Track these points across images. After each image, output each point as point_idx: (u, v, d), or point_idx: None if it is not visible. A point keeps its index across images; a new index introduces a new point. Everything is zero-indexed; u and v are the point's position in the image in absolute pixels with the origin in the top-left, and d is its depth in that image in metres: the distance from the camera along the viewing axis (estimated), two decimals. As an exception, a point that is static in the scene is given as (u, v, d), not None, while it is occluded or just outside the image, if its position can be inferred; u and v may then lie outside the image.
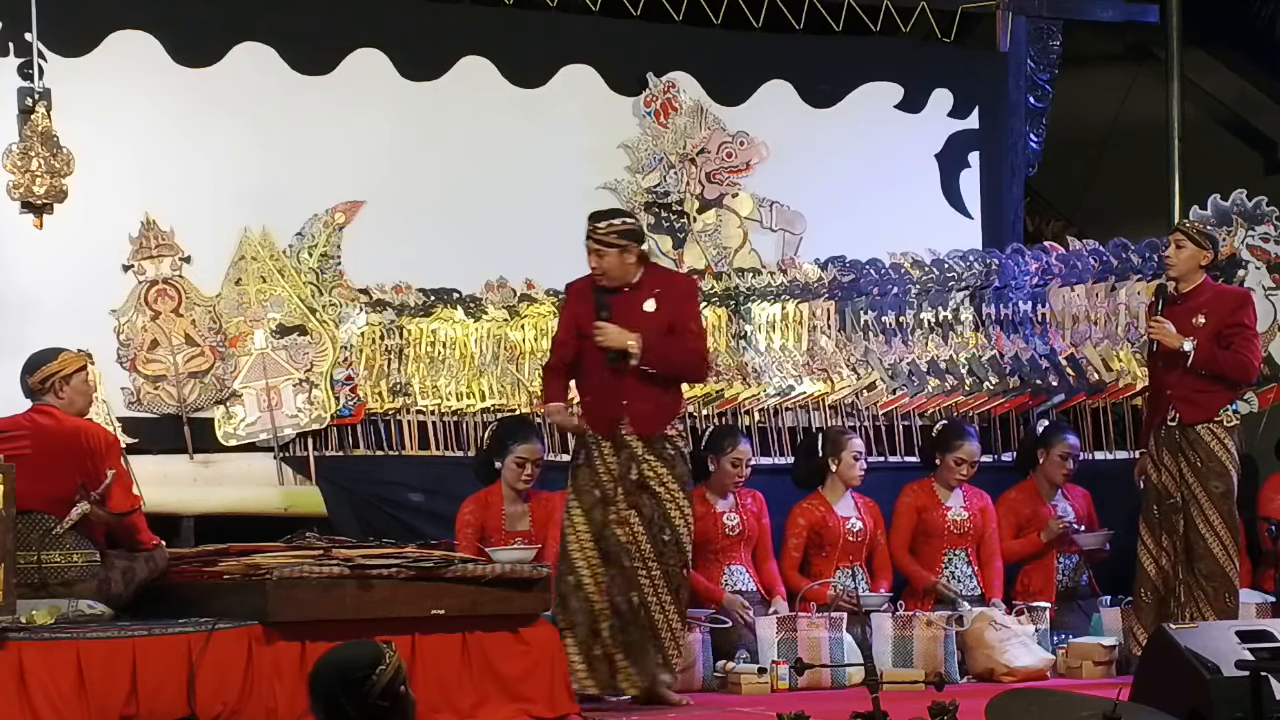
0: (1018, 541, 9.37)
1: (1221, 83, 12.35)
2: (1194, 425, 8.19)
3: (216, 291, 8.92)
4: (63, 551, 6.98)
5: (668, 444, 7.70)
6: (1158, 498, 8.29)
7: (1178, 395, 8.22)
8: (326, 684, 4.88)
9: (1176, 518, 8.20)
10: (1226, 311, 8.27)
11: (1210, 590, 8.12)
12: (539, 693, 7.25)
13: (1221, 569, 8.15)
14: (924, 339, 9.95)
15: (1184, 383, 8.20)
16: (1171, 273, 8.33)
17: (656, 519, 7.63)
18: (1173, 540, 8.22)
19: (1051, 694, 5.98)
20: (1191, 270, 8.29)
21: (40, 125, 8.31)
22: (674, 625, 7.67)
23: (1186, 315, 8.24)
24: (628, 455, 7.65)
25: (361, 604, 6.93)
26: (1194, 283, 8.30)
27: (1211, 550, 8.14)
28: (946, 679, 7.26)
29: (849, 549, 9.05)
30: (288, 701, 6.75)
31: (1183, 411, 8.22)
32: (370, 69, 9.33)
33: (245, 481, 8.80)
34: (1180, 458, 8.22)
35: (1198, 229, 8.40)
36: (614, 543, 7.62)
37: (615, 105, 9.81)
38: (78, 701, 6.46)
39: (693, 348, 7.75)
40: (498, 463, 8.52)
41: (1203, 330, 8.20)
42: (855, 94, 10.31)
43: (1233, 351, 8.21)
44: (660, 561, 7.63)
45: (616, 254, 7.66)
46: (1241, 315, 8.30)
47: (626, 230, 7.71)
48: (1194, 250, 8.28)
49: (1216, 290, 8.47)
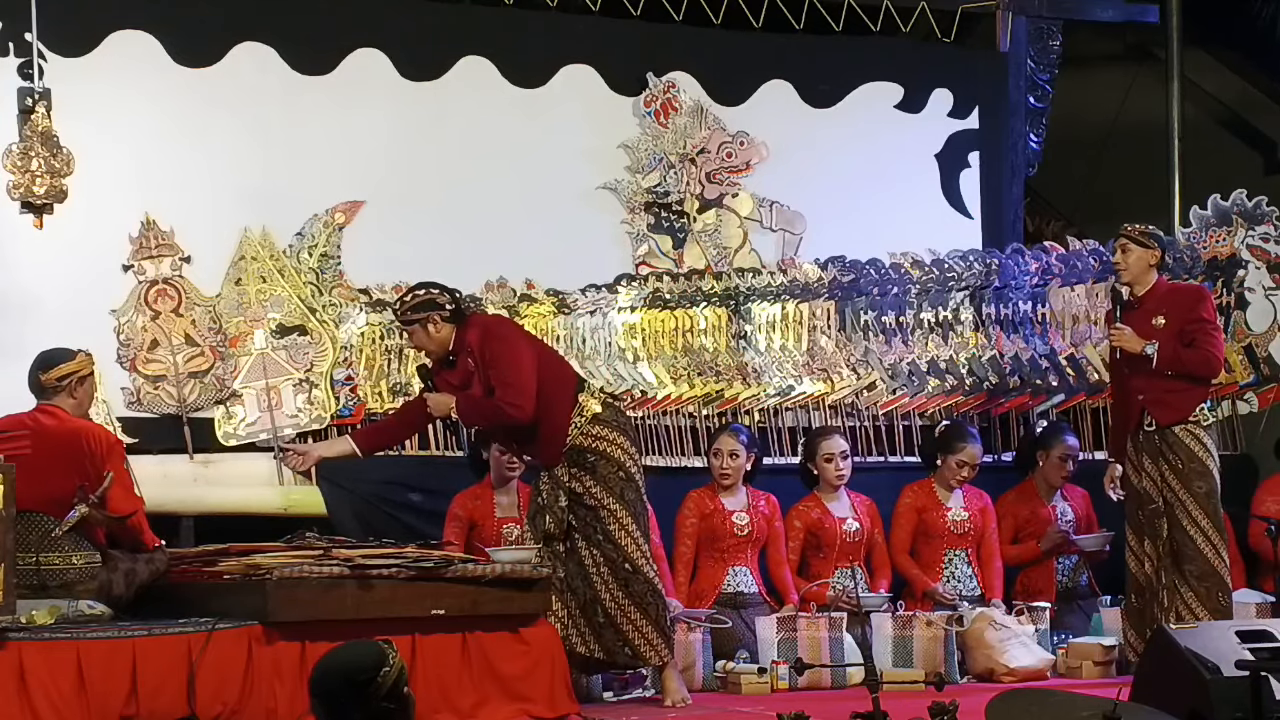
0: (1016, 547, 9.36)
1: (1221, 83, 12.35)
2: (1170, 427, 8.16)
3: (216, 291, 8.92)
4: (61, 554, 6.97)
5: (587, 454, 7.68)
6: (1139, 502, 8.27)
7: (1149, 399, 8.20)
8: (331, 687, 4.87)
9: (1159, 522, 8.18)
10: (1185, 309, 8.25)
11: (1203, 590, 8.10)
12: (539, 693, 7.25)
13: (1213, 568, 8.13)
14: (924, 339, 9.95)
15: (1153, 386, 8.18)
16: (1124, 277, 8.32)
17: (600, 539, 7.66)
18: (1155, 544, 8.20)
19: (1051, 694, 5.99)
20: (1143, 272, 8.28)
21: (40, 125, 8.31)
22: (648, 635, 7.67)
23: (1145, 318, 8.23)
24: (552, 485, 7.69)
25: (361, 604, 6.93)
26: (1147, 284, 8.28)
27: (1201, 551, 8.12)
28: (946, 679, 7.27)
29: (847, 549, 9.05)
30: (288, 701, 6.75)
31: (1156, 414, 8.19)
32: (370, 69, 9.33)
33: (245, 481, 8.80)
34: (1161, 461, 8.19)
35: (1140, 230, 8.32)
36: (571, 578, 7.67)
37: (615, 105, 9.81)
38: (78, 701, 6.46)
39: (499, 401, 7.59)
40: (485, 453, 8.56)
41: (1164, 331, 8.18)
42: (855, 94, 10.31)
43: (1196, 348, 8.19)
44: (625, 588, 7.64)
45: (420, 329, 7.63)
46: (1200, 310, 8.28)
47: (418, 304, 7.64)
48: (1141, 252, 8.26)
49: (1171, 289, 8.47)
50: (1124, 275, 8.32)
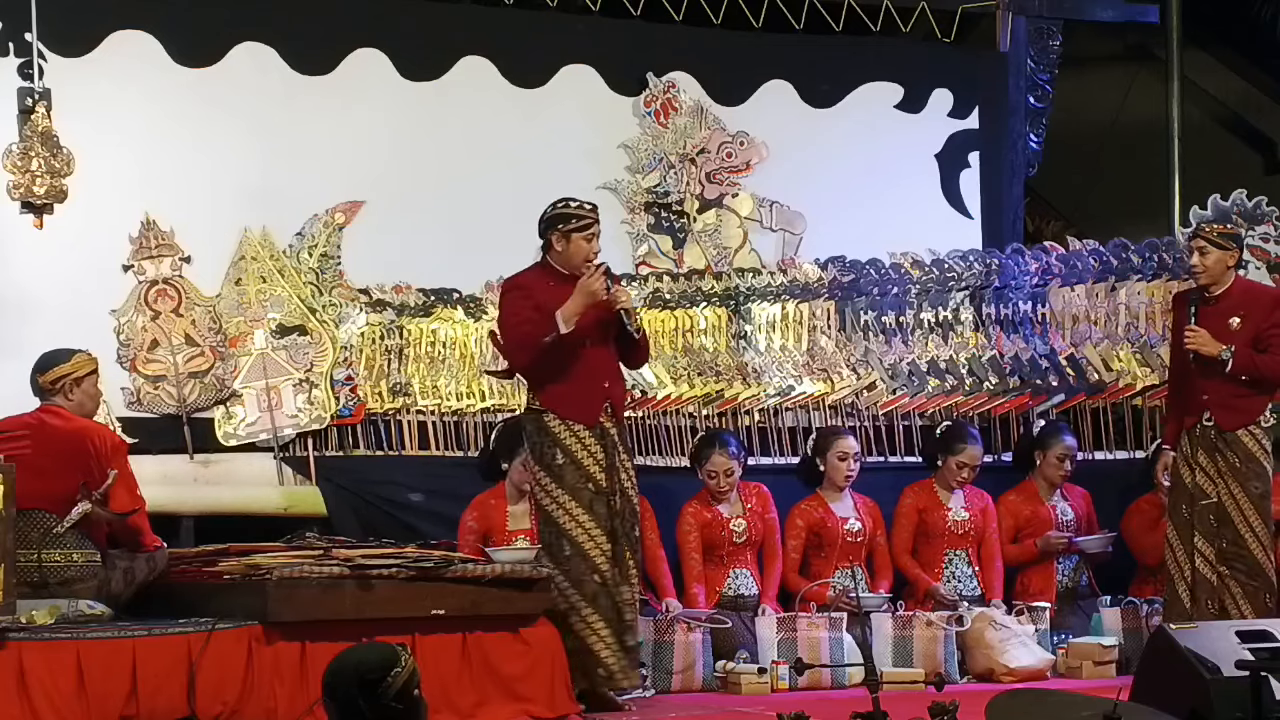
0: (1015, 547, 9.36)
1: (1221, 83, 12.36)
2: (1233, 430, 8.12)
3: (216, 291, 8.92)
4: (63, 550, 6.99)
5: (624, 435, 7.80)
6: (1189, 498, 8.19)
7: (1214, 401, 8.12)
8: (343, 683, 4.93)
9: (1212, 518, 8.13)
10: (1263, 312, 8.18)
11: (1251, 589, 8.06)
12: (539, 693, 7.26)
13: (1262, 568, 8.10)
14: (924, 339, 9.95)
15: (1221, 389, 8.11)
16: (1202, 280, 8.20)
17: (628, 512, 7.67)
18: (1210, 543, 8.14)
19: (1051, 694, 5.99)
20: (1221, 273, 8.18)
21: (40, 125, 8.31)
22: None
23: (1221, 318, 8.15)
24: (609, 442, 7.64)
25: (361, 604, 6.93)
26: (1225, 284, 8.20)
27: (1252, 550, 8.08)
28: (946, 679, 7.27)
29: (848, 549, 9.05)
30: (288, 701, 6.76)
31: (1220, 417, 8.13)
32: (370, 69, 9.33)
33: (245, 481, 8.80)
34: (1217, 457, 8.13)
35: (1219, 231, 8.28)
36: (618, 533, 7.61)
37: (615, 105, 9.81)
38: (78, 701, 6.46)
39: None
40: (504, 464, 8.52)
41: (1239, 333, 8.12)
42: (855, 94, 10.31)
43: (1271, 353, 8.12)
44: (633, 553, 7.69)
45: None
46: (1278, 315, 8.22)
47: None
48: (1220, 254, 8.17)
49: (1249, 289, 8.40)
50: (1202, 278, 8.20)
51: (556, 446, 7.59)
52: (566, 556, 7.57)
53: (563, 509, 7.59)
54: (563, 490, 7.58)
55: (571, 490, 7.58)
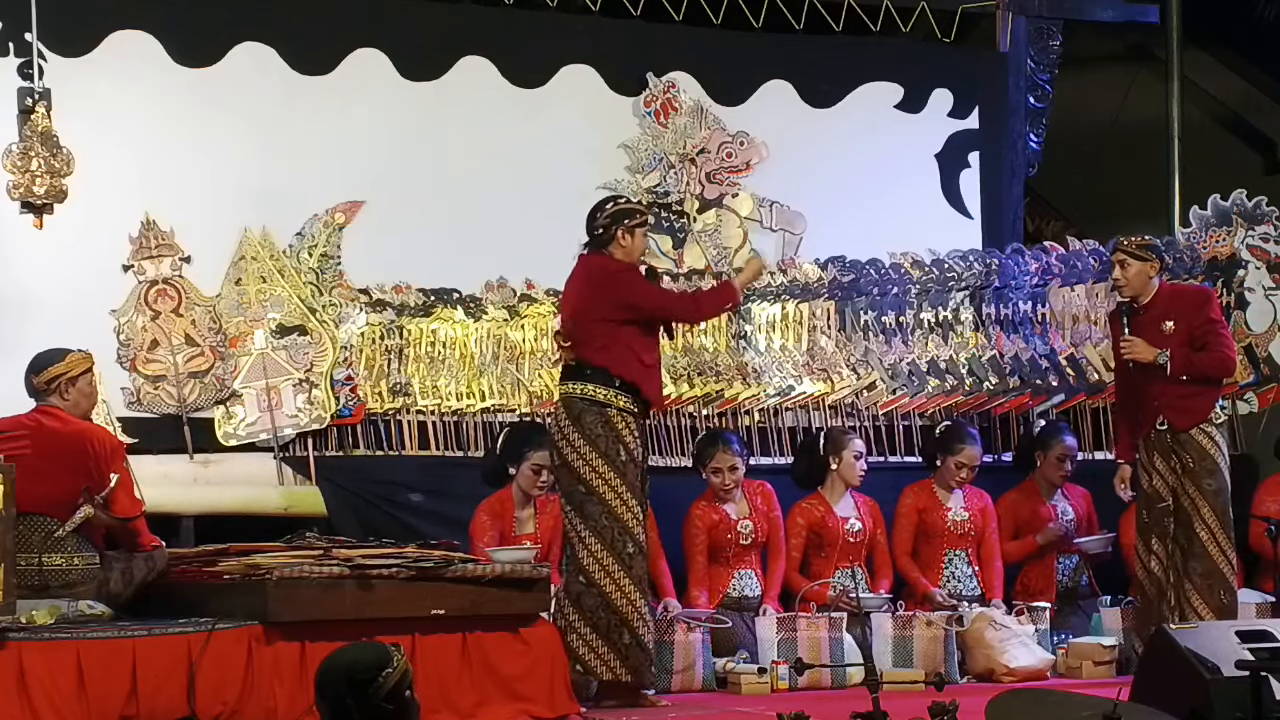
0: (1014, 543, 9.36)
1: (1221, 83, 12.35)
2: (1186, 430, 8.19)
3: (216, 291, 8.92)
4: (64, 554, 6.98)
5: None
6: (1148, 502, 8.29)
7: (1164, 404, 8.21)
8: (333, 682, 4.91)
9: (1167, 520, 8.20)
10: (1193, 311, 8.27)
11: (1205, 588, 8.12)
12: (539, 693, 7.25)
13: (1217, 567, 8.16)
14: (924, 339, 9.95)
15: (1169, 392, 8.19)
16: (1125, 292, 8.30)
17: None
18: (1164, 543, 8.22)
19: (1051, 694, 6.00)
20: (1143, 285, 8.27)
21: (40, 125, 8.31)
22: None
23: (1154, 325, 8.24)
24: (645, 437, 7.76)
25: (361, 604, 6.93)
26: (1151, 293, 8.28)
27: (1207, 549, 8.15)
28: (946, 679, 7.26)
29: (848, 549, 9.05)
30: (288, 701, 6.75)
31: (1173, 419, 8.21)
32: (370, 69, 9.33)
33: (245, 481, 8.80)
34: (1172, 458, 8.22)
35: (1137, 243, 8.31)
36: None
37: (615, 105, 9.81)
38: (78, 701, 6.46)
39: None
40: (511, 468, 8.51)
41: (1174, 336, 8.20)
42: (855, 94, 10.31)
43: (1208, 350, 8.21)
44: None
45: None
46: (1208, 312, 8.30)
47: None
48: (1140, 265, 8.26)
49: (1175, 291, 8.50)
50: (1126, 290, 8.29)
51: (619, 443, 7.59)
52: (630, 554, 7.57)
53: (626, 505, 7.57)
54: (625, 486, 7.58)
55: (631, 487, 7.59)
